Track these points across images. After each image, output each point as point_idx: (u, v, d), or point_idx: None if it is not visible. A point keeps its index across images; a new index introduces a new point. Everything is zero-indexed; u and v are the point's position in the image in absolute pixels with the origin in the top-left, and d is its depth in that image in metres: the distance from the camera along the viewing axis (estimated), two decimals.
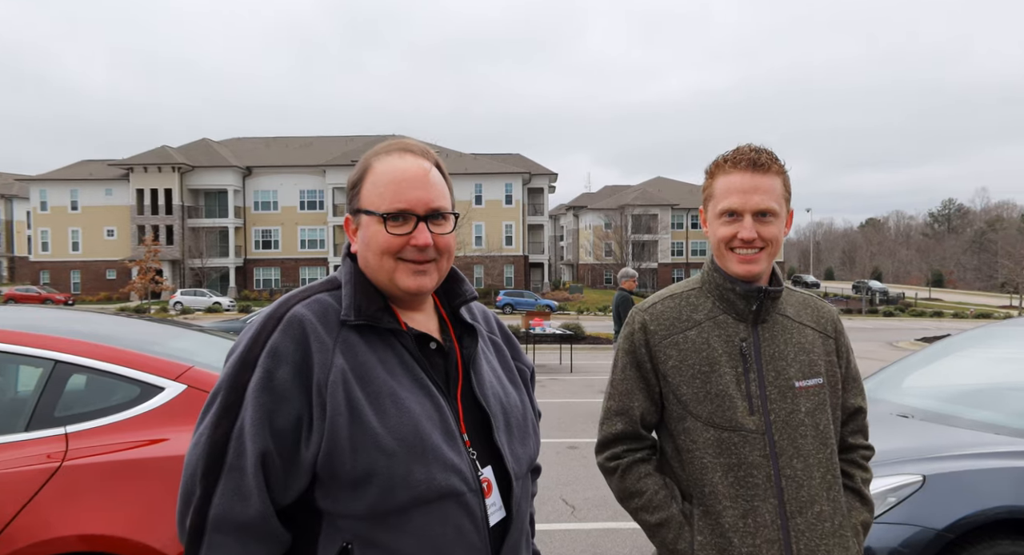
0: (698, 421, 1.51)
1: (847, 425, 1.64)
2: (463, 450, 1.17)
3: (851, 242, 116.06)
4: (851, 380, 1.64)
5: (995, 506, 2.76)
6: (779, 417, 1.50)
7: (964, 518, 2.73)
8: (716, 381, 1.51)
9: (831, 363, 1.58)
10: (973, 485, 2.86)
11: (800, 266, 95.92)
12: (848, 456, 1.63)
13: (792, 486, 1.48)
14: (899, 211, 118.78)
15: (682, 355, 1.53)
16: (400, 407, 1.13)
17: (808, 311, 1.62)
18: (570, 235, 73.18)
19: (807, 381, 1.53)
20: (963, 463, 2.96)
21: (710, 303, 1.58)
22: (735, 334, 1.54)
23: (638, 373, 1.58)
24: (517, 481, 1.23)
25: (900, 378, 4.55)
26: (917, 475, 2.90)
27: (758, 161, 1.50)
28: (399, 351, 1.18)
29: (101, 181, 52.56)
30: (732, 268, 1.53)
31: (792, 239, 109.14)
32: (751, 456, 1.48)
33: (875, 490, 2.94)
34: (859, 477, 1.61)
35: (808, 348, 1.56)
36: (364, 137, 58.85)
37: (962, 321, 37.30)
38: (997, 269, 60.55)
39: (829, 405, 1.55)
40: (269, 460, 1.08)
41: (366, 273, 1.22)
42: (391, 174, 1.19)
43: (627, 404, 1.59)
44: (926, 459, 3.03)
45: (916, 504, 2.81)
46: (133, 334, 2.74)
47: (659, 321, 1.57)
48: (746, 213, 1.49)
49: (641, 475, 1.57)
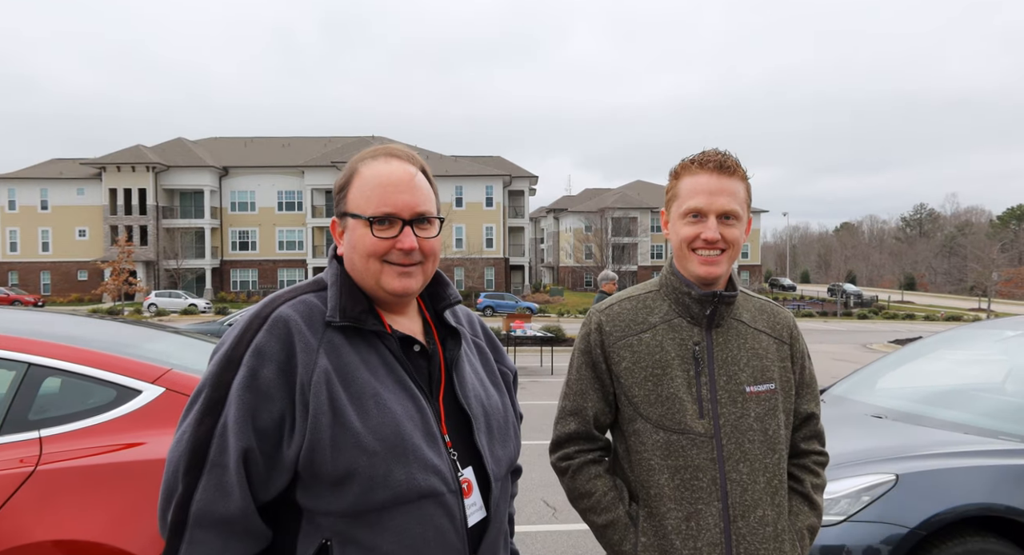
0: (648, 423, 1.52)
1: (800, 431, 1.64)
2: (444, 451, 1.19)
3: (826, 246, 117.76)
4: (805, 386, 1.64)
5: (966, 504, 2.82)
6: (728, 421, 1.50)
7: (936, 515, 2.78)
8: (667, 384, 1.51)
9: (785, 369, 1.59)
10: (945, 483, 2.91)
11: (777, 269, 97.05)
12: (800, 461, 1.63)
13: (737, 490, 1.49)
14: (873, 215, 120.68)
15: (635, 357, 1.53)
16: (382, 408, 1.14)
17: (764, 317, 1.62)
18: (551, 238, 73.38)
19: (758, 386, 1.53)
20: (935, 462, 3.02)
21: (666, 306, 1.58)
22: (689, 338, 1.54)
23: (593, 373, 1.58)
24: (496, 482, 1.25)
25: (874, 380, 4.63)
26: (891, 474, 2.95)
27: (725, 164, 1.52)
28: (383, 353, 1.20)
29: (72, 180, 51.65)
30: (693, 269, 1.53)
31: (769, 242, 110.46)
32: (697, 459, 1.48)
33: (850, 489, 2.99)
34: (809, 482, 1.61)
35: (762, 354, 1.56)
36: (344, 138, 58.52)
37: (933, 323, 37.99)
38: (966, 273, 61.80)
39: (781, 411, 1.55)
40: (251, 457, 1.09)
41: (352, 275, 1.24)
42: (377, 179, 1.21)
43: (581, 404, 1.59)
44: (899, 458, 3.08)
45: (890, 502, 2.86)
46: (108, 336, 2.70)
47: (615, 322, 1.57)
48: (711, 214, 1.49)
49: (591, 476, 1.58)
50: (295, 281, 54.17)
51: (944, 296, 72.49)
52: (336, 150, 54.74)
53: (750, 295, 1.67)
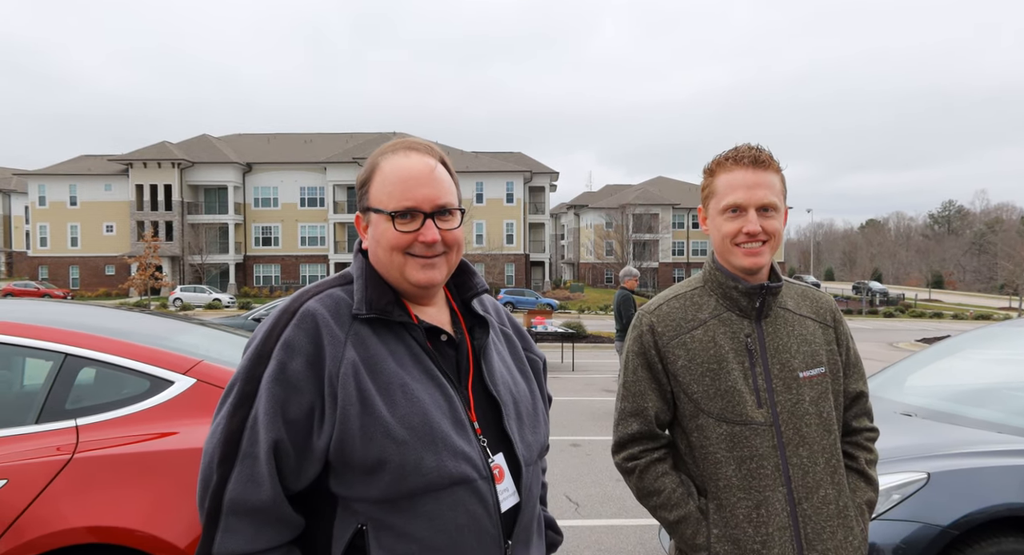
0: (710, 417, 1.56)
1: (850, 409, 1.69)
2: (473, 438, 1.21)
3: (851, 243, 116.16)
4: (852, 366, 1.69)
5: (999, 504, 2.77)
6: (785, 408, 1.55)
7: (969, 515, 2.74)
8: (725, 378, 1.56)
9: (832, 352, 1.64)
10: (977, 483, 2.87)
11: (800, 266, 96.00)
12: (852, 439, 1.69)
13: (799, 474, 1.54)
14: (899, 212, 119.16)
15: (691, 354, 1.58)
16: (410, 397, 1.17)
17: (807, 302, 1.67)
18: (571, 234, 73.19)
19: (810, 371, 1.58)
20: (967, 461, 2.97)
21: (714, 301, 1.63)
22: (740, 330, 1.59)
23: (649, 374, 1.62)
24: (527, 467, 1.28)
25: (903, 378, 4.57)
26: (922, 473, 2.91)
27: (759, 158, 1.56)
28: (409, 343, 1.22)
29: (100, 176, 52.54)
30: (738, 262, 1.57)
31: (793, 239, 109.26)
32: (761, 448, 1.54)
33: (881, 487, 2.95)
34: (863, 458, 1.67)
35: (810, 339, 1.61)
36: (366, 134, 58.86)
37: (961, 322, 37.33)
38: (996, 271, 60.61)
39: (831, 392, 1.61)
40: (282, 448, 1.13)
41: (377, 269, 1.27)
42: (398, 173, 1.23)
43: (641, 405, 1.63)
44: (930, 457, 3.04)
45: (921, 501, 2.82)
46: (141, 328, 2.75)
47: (666, 322, 1.62)
48: (750, 208, 1.53)
49: (659, 474, 1.62)
50: (317, 277, 54.78)
51: (973, 295, 71.25)
52: (357, 146, 55.08)
53: (790, 282, 1.71)
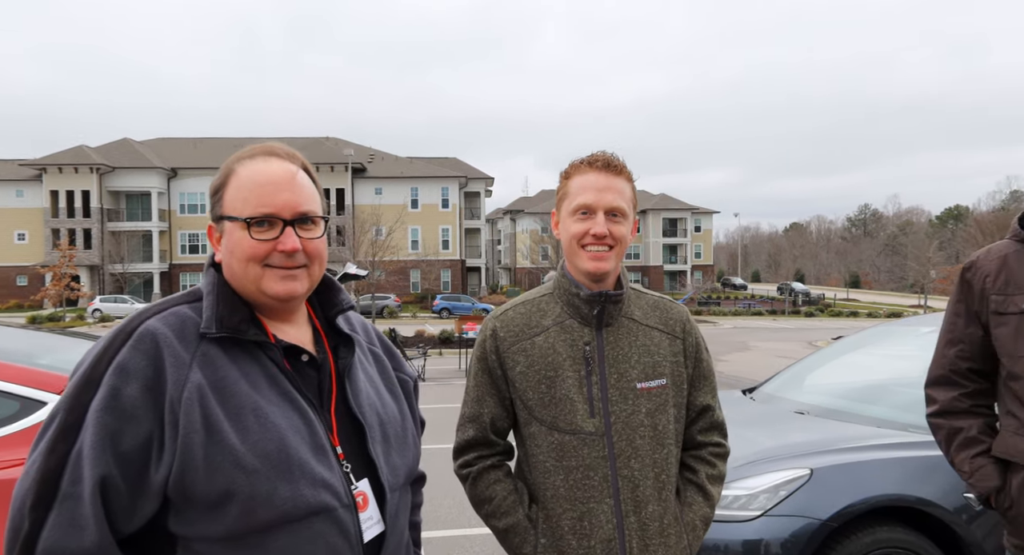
0: (543, 426, 1.55)
1: (696, 423, 1.67)
2: (335, 464, 1.14)
3: (776, 246, 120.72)
4: (700, 378, 1.67)
5: (874, 495, 2.93)
6: (619, 419, 1.54)
7: (846, 508, 2.89)
8: (559, 385, 1.54)
9: (677, 364, 1.62)
10: (856, 476, 3.02)
11: (729, 269, 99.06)
12: (697, 453, 1.67)
13: (628, 486, 1.53)
14: (820, 216, 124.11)
15: (529, 361, 1.56)
16: (263, 422, 1.09)
17: (657, 313, 1.65)
18: (508, 239, 73.48)
19: (649, 382, 1.57)
20: (848, 456, 3.13)
21: (559, 308, 1.61)
22: (580, 338, 1.57)
23: (489, 379, 1.61)
24: (392, 493, 1.22)
25: (802, 377, 4.77)
26: (806, 469, 3.05)
27: (612, 163, 1.56)
28: (265, 364, 1.15)
29: (11, 182, 49.62)
30: (582, 265, 1.55)
31: (722, 243, 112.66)
32: (589, 458, 1.52)
33: (768, 485, 3.08)
34: (704, 473, 1.65)
35: (653, 350, 1.60)
36: (298, 139, 57.55)
37: (876, 320, 39.29)
38: (907, 271, 64.09)
39: (672, 405, 1.59)
40: (111, 485, 1.02)
41: (232, 283, 1.18)
42: (255, 178, 1.16)
43: (478, 411, 1.61)
44: (815, 453, 3.19)
45: (804, 496, 2.96)
46: (18, 345, 2.63)
47: (509, 328, 1.60)
48: (599, 210, 1.53)
49: (491, 482, 1.60)
50: None
51: (887, 293, 75.07)
52: None
53: (643, 292, 1.70)
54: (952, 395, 1.96)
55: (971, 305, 1.92)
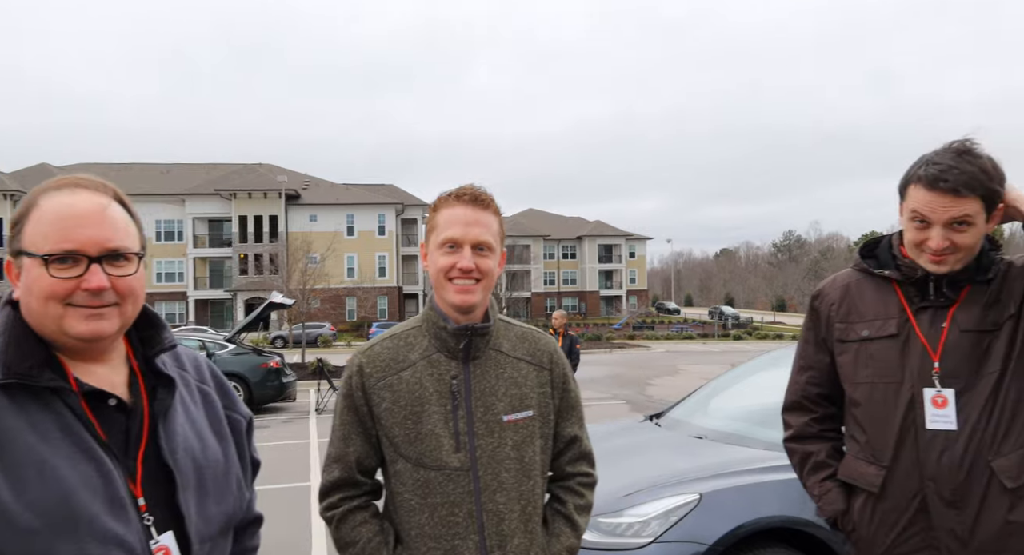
0: (408, 463, 1.54)
1: (564, 454, 1.69)
2: (134, 517, 1.08)
3: (707, 271, 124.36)
4: (568, 409, 1.69)
5: (758, 518, 3.00)
6: (485, 452, 1.54)
7: (732, 531, 2.95)
8: (425, 421, 1.53)
9: (544, 395, 1.63)
10: (742, 500, 3.10)
11: (663, 294, 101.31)
12: (564, 484, 1.69)
13: (493, 521, 1.53)
14: (749, 242, 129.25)
15: (395, 396, 1.55)
16: (47, 478, 1.02)
17: (525, 345, 1.66)
18: None
19: (516, 415, 1.58)
20: (738, 479, 3.21)
21: (426, 342, 1.60)
22: (447, 372, 1.57)
23: (355, 417, 1.58)
24: (202, 544, 1.16)
25: (707, 401, 4.89)
26: (695, 494, 3.11)
27: (480, 197, 1.58)
28: (60, 412, 1.07)
29: None
30: (449, 298, 1.55)
31: (656, 268, 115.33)
32: (454, 494, 1.52)
33: (660, 511, 3.13)
34: (572, 503, 1.67)
35: (520, 382, 1.60)
36: (230, 165, 56.33)
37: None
38: None
39: (539, 436, 1.61)
40: None
41: (30, 322, 1.11)
42: (57, 211, 1.10)
43: (344, 450, 1.58)
44: (707, 478, 3.25)
45: (693, 521, 3.01)
46: None
47: (375, 363, 1.58)
48: (466, 244, 1.54)
49: (356, 523, 1.57)
50: (175, 315, 51.28)
51: None
52: (221, 177, 52.62)
53: (512, 324, 1.71)
54: (804, 420, 2.03)
55: (819, 333, 1.99)
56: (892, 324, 1.83)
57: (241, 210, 50.74)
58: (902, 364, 1.80)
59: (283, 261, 37.94)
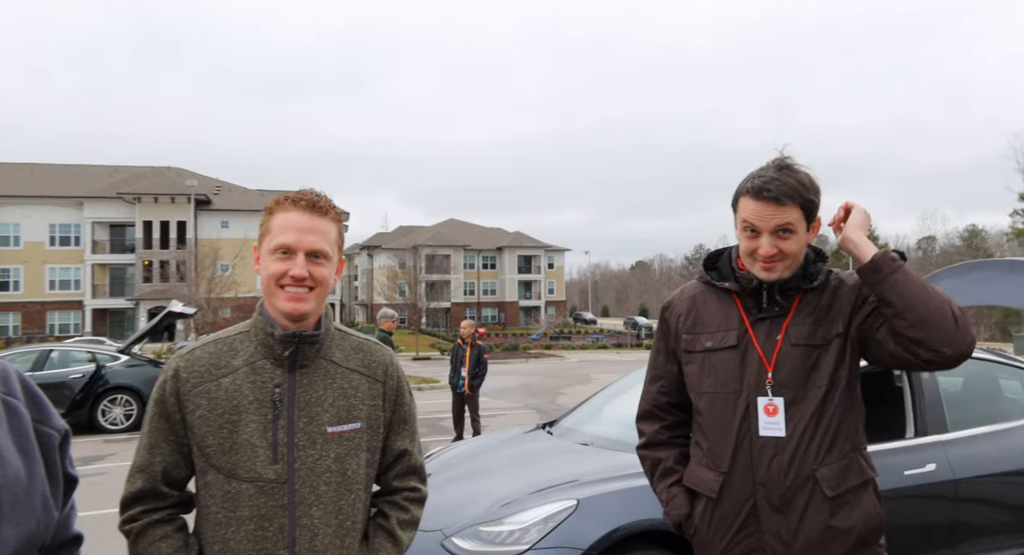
0: (219, 474, 1.48)
1: (393, 468, 1.67)
2: None
3: (623, 282, 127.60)
4: (400, 423, 1.66)
5: (633, 521, 3.07)
6: (304, 465, 1.49)
7: (606, 535, 3.02)
8: (242, 430, 1.47)
9: (375, 407, 1.60)
10: (618, 504, 3.17)
11: (580, 304, 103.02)
12: (391, 498, 1.67)
13: (306, 536, 1.48)
14: (662, 254, 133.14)
15: (212, 404, 1.48)
16: None
17: (360, 355, 1.63)
18: (365, 275, 72.08)
19: (342, 426, 1.53)
20: (615, 485, 3.27)
21: (252, 347, 1.54)
22: (270, 380, 1.51)
23: (166, 425, 1.51)
24: None
25: (600, 408, 4.98)
26: (573, 500, 3.17)
27: (317, 204, 1.53)
28: None
29: None
30: (281, 305, 1.51)
31: (575, 279, 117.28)
32: (265, 508, 1.46)
33: (538, 518, 3.16)
34: (395, 518, 1.64)
35: (350, 393, 1.57)
36: (135, 167, 53.54)
37: None
38: None
39: (365, 450, 1.57)
40: None
41: None
42: None
43: (149, 460, 1.51)
44: (587, 484, 3.31)
45: (569, 527, 3.06)
46: None
47: (194, 368, 1.51)
48: (300, 251, 1.50)
49: (156, 538, 1.49)
50: (69, 325, 48.10)
51: None
52: (125, 180, 49.98)
53: (349, 334, 1.66)
54: (655, 428, 2.11)
55: (669, 343, 2.07)
56: (732, 335, 1.92)
57: (146, 215, 48.29)
58: (741, 374, 1.89)
59: (191, 269, 36.36)
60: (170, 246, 47.46)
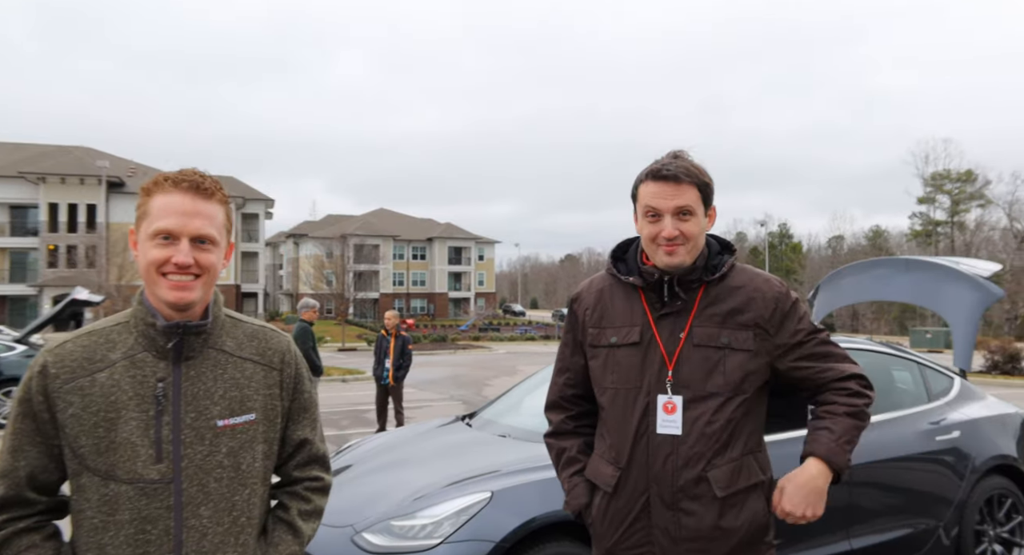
0: (96, 476, 1.38)
1: (294, 458, 1.61)
2: None
3: (553, 275, 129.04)
4: (300, 412, 1.60)
5: (548, 512, 3.06)
6: (192, 462, 1.41)
7: (519, 527, 3.00)
8: (121, 429, 1.38)
9: (272, 396, 1.53)
10: (532, 495, 3.16)
11: (510, 297, 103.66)
12: (292, 489, 1.62)
13: (195, 537, 1.41)
14: (591, 248, 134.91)
15: (86, 402, 1.38)
16: None
17: (254, 343, 1.55)
18: (290, 264, 70.22)
19: (234, 419, 1.46)
20: (529, 476, 3.26)
21: (132, 339, 1.44)
22: (152, 374, 1.42)
23: (33, 425, 1.39)
24: None
25: (521, 400, 4.99)
26: (487, 492, 3.14)
27: (202, 185, 1.44)
28: None
29: None
30: (163, 295, 1.42)
31: (505, 271, 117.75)
32: (147, 510, 1.38)
33: (452, 511, 3.11)
34: (296, 509, 1.59)
35: (243, 384, 1.49)
36: (40, 146, 50.17)
37: None
38: None
39: (262, 442, 1.51)
40: None
41: None
42: None
43: (13, 464, 1.39)
44: (502, 475, 3.30)
45: (482, 520, 3.03)
46: None
47: (64, 363, 1.41)
48: (184, 237, 1.41)
49: (22, 547, 1.38)
50: None
51: None
52: (28, 158, 46.78)
53: (241, 321, 1.58)
54: (561, 417, 2.12)
55: (576, 335, 2.07)
56: (636, 332, 1.92)
57: (52, 196, 45.39)
58: (642, 371, 1.90)
59: (101, 254, 34.45)
60: (78, 230, 44.82)
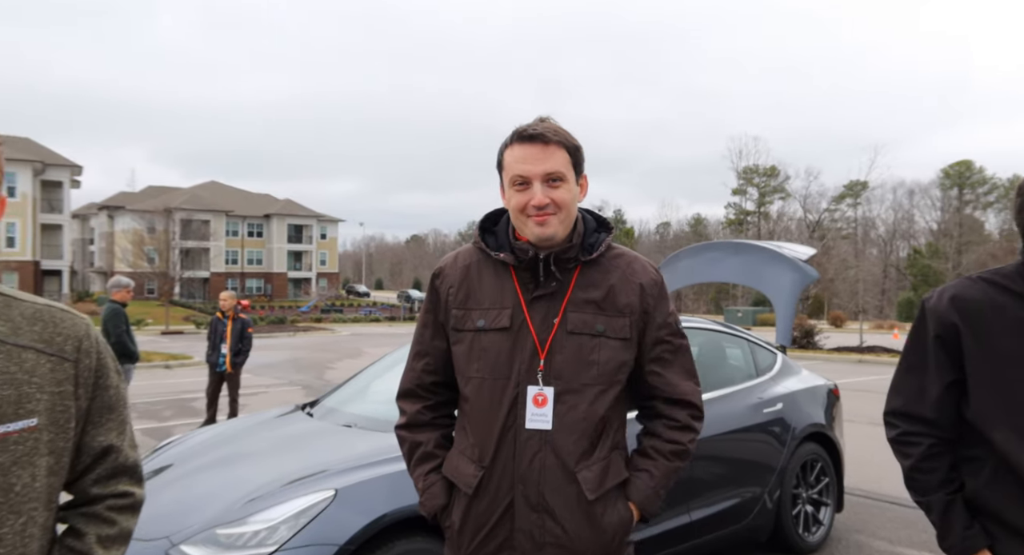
0: None
1: (92, 471, 1.30)
2: None
3: (398, 256, 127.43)
4: (103, 412, 1.30)
5: (400, 507, 2.82)
6: None
7: (366, 526, 2.74)
8: None
9: (63, 395, 1.23)
10: (382, 490, 2.90)
11: (354, 277, 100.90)
12: (88, 510, 1.30)
13: None
14: (437, 229, 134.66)
15: None
16: None
17: (36, 327, 1.24)
18: (104, 239, 63.24)
19: (6, 426, 1.16)
20: (377, 470, 3.00)
21: None
22: None
23: None
24: None
25: (366, 385, 4.67)
26: (331, 490, 2.84)
27: None
28: None
29: None
30: None
31: (349, 251, 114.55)
32: None
33: (290, 513, 2.76)
34: (94, 535, 1.28)
35: (20, 379, 1.19)
36: None
37: None
38: None
39: (47, 453, 1.20)
40: None
41: None
42: None
43: None
44: (347, 470, 3.00)
45: (325, 521, 2.73)
46: None
47: None
48: None
49: None
50: None
51: None
52: None
53: (19, 299, 1.25)
54: (417, 408, 1.90)
55: (438, 316, 1.86)
56: (506, 315, 1.75)
57: None
58: (512, 359, 1.73)
59: None
60: None
